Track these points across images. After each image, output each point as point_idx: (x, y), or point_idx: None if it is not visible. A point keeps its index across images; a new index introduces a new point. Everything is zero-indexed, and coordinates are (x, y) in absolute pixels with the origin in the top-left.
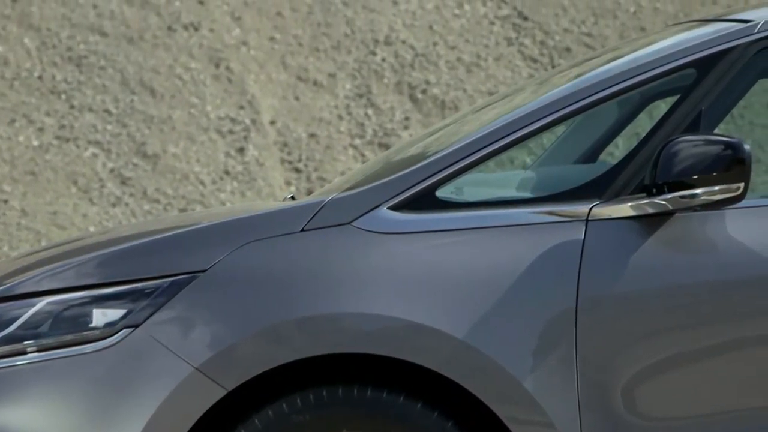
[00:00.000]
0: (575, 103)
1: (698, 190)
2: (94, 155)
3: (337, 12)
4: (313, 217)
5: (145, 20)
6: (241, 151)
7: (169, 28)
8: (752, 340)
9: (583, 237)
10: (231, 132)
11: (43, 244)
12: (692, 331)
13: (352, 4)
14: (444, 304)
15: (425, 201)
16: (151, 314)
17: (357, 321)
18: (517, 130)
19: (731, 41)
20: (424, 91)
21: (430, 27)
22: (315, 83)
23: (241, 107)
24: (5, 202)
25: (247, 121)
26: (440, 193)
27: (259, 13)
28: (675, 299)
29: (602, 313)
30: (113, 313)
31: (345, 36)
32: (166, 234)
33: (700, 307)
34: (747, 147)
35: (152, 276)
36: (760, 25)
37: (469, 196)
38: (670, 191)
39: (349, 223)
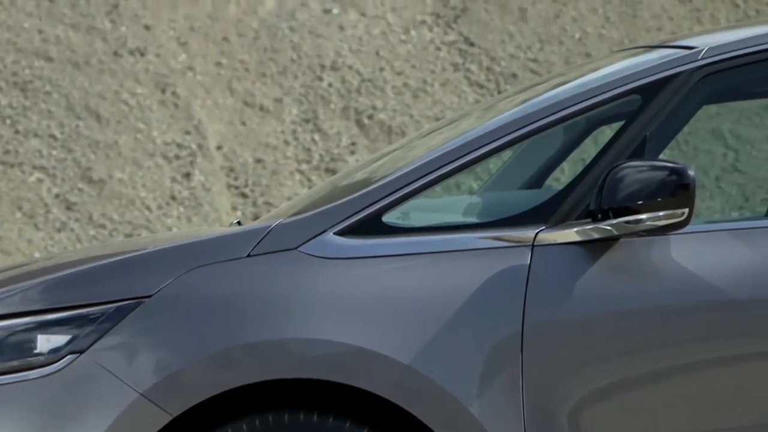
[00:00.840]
0: (521, 128)
1: (643, 216)
2: (40, 180)
3: (283, 37)
4: (259, 242)
5: (91, 45)
6: (187, 176)
7: (115, 53)
8: (696, 365)
9: (529, 262)
10: (177, 157)
11: None
12: (637, 356)
13: (298, 30)
14: (390, 329)
15: (372, 226)
16: (96, 340)
17: (303, 346)
18: (463, 156)
19: (676, 67)
20: (370, 117)
21: (377, 52)
22: (261, 108)
23: (188, 132)
24: None
25: (194, 146)
26: (387, 218)
27: (206, 39)
28: (620, 324)
29: (548, 338)
30: (58, 339)
31: (291, 61)
32: (112, 259)
33: (645, 332)
34: (692, 172)
35: (97, 302)
36: (704, 52)
37: (416, 221)
38: (616, 217)
39: (295, 248)
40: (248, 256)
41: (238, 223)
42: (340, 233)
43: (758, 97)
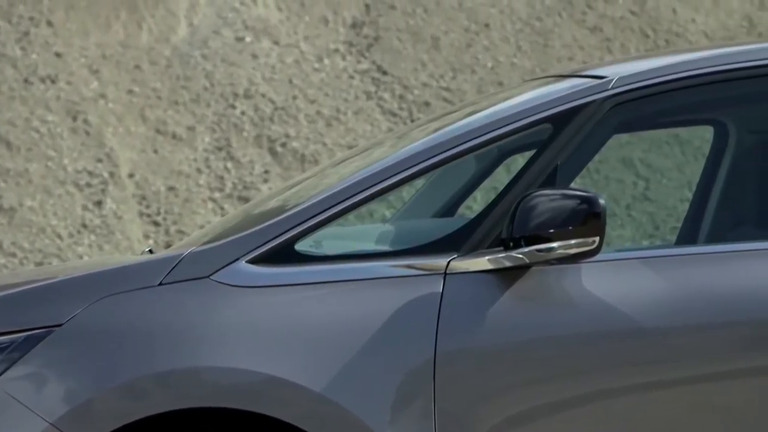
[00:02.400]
0: (434, 156)
1: (554, 244)
2: None
3: (196, 65)
4: (171, 270)
5: (2, 72)
6: (98, 204)
7: (26, 80)
8: (608, 393)
9: (441, 290)
10: (89, 185)
11: None
12: (549, 385)
13: (211, 57)
14: (303, 358)
15: (284, 254)
16: (6, 369)
17: (215, 375)
18: (376, 184)
19: (586, 97)
20: (283, 145)
21: (290, 80)
22: (174, 136)
23: (99, 160)
24: None
25: (105, 174)
26: (299, 246)
27: (117, 66)
28: (532, 352)
29: (460, 367)
30: None
31: (204, 89)
32: (22, 288)
33: (557, 361)
34: (602, 201)
35: (6, 331)
36: (614, 81)
37: (328, 249)
38: (527, 245)
39: (207, 276)
40: (160, 284)
41: (150, 251)
42: (253, 261)
43: (667, 127)
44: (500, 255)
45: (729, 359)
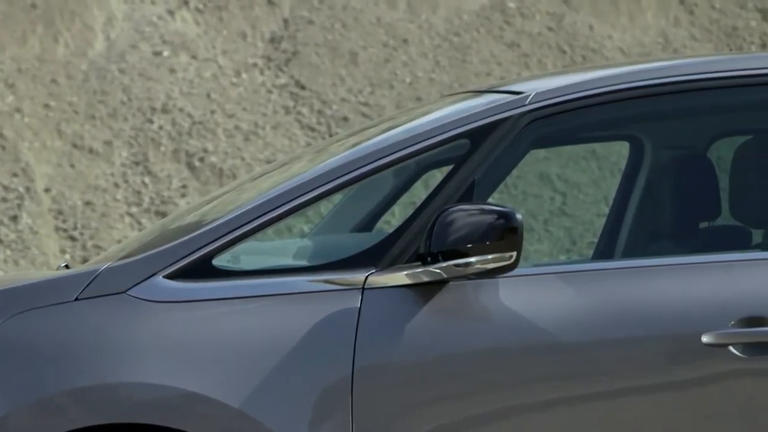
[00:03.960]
0: (352, 171)
1: (472, 259)
2: None
3: (113, 79)
4: (87, 286)
5: None
6: (14, 219)
7: None
8: (526, 408)
9: (359, 305)
10: (4, 200)
11: None
12: (467, 399)
13: (128, 72)
14: (220, 373)
15: (201, 269)
16: None
17: (132, 391)
18: (294, 199)
19: (503, 112)
20: (201, 159)
21: (208, 95)
22: (91, 151)
23: (15, 175)
24: None
25: (21, 189)
26: (217, 261)
27: (34, 81)
28: (449, 367)
29: (378, 382)
30: None
31: (122, 104)
32: None
33: (474, 375)
34: (519, 216)
35: None
36: (531, 97)
37: (246, 264)
38: (445, 260)
39: (124, 292)
40: (76, 299)
41: (66, 266)
42: (170, 277)
43: (584, 142)
44: (418, 270)
45: (644, 374)
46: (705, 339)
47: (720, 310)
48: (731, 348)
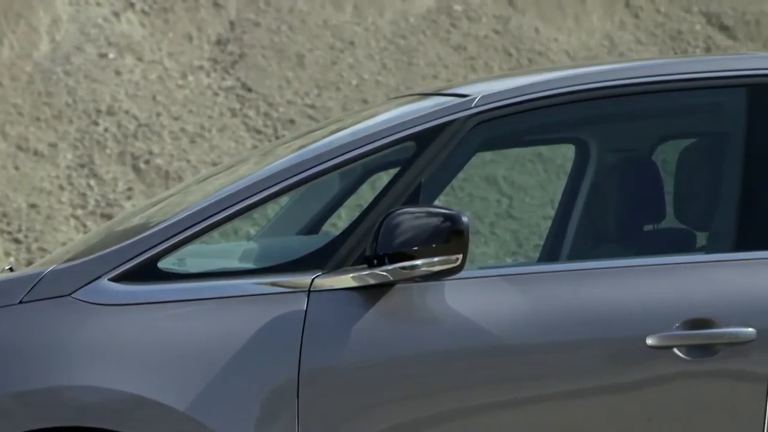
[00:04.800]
0: (299, 174)
1: (418, 262)
2: None
3: (58, 81)
4: (31, 289)
5: None
6: None
7: None
8: (472, 410)
9: (305, 308)
10: None
11: None
12: (413, 402)
13: (74, 74)
14: (166, 376)
15: (147, 272)
16: None
17: (77, 394)
18: (240, 201)
19: (449, 115)
20: (147, 162)
21: (154, 97)
22: (36, 153)
23: None
24: None
25: None
26: (162, 264)
27: None
28: (395, 369)
29: (324, 385)
30: None
31: (67, 106)
32: None
33: (420, 378)
34: (465, 219)
35: None
36: (477, 100)
37: (192, 267)
38: (391, 262)
39: (68, 294)
40: (20, 302)
41: (11, 269)
42: (115, 279)
43: (530, 145)
44: (364, 272)
45: (590, 376)
46: (650, 341)
47: (665, 313)
48: (675, 350)
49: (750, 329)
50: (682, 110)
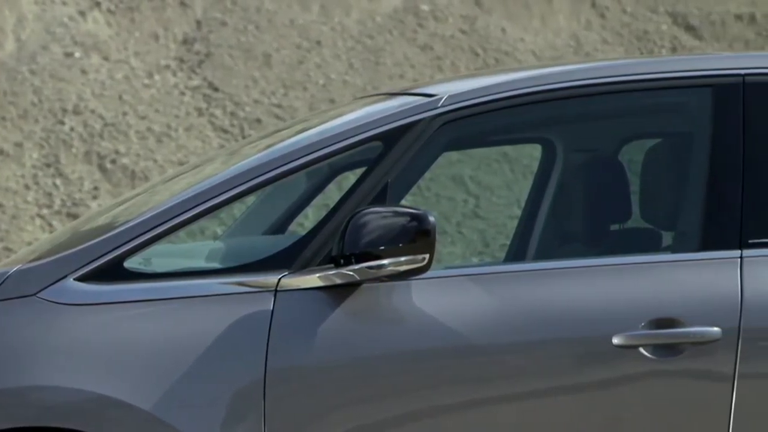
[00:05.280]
0: (265, 174)
1: (385, 261)
2: None
3: (24, 80)
4: None
5: None
6: None
7: None
8: (438, 409)
9: (272, 308)
10: None
11: None
12: (380, 402)
13: (39, 73)
14: (132, 376)
15: (113, 272)
16: None
17: (42, 394)
18: (207, 201)
19: (416, 115)
20: (113, 161)
21: (120, 97)
22: (1, 152)
23: None
24: None
25: None
26: (128, 263)
27: None
28: (362, 369)
29: (291, 384)
30: None
31: (32, 105)
32: None
33: (387, 377)
34: (432, 219)
35: None
36: (443, 100)
37: (158, 266)
38: (358, 262)
39: (34, 294)
40: None
41: None
42: (81, 279)
43: (496, 145)
44: (331, 272)
45: (556, 375)
46: (616, 341)
47: (631, 312)
48: (641, 349)
49: (715, 329)
50: (648, 110)
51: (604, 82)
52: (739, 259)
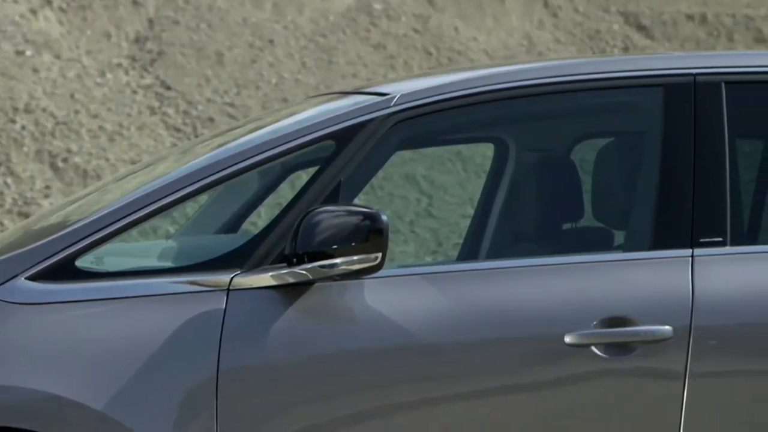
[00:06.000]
0: (218, 172)
1: (338, 260)
2: None
3: None
4: None
5: None
6: None
7: None
8: (391, 408)
9: (224, 307)
10: None
11: None
12: (332, 401)
13: None
14: (84, 376)
15: (64, 271)
16: None
17: None
18: (159, 200)
19: (368, 114)
20: (65, 160)
21: (72, 95)
22: None
23: None
24: None
25: None
26: (80, 263)
27: None
28: (315, 368)
29: (243, 383)
30: None
31: None
32: None
33: (340, 376)
34: (385, 218)
35: None
36: (396, 99)
37: (110, 266)
38: (311, 261)
39: None
40: None
41: None
42: (32, 278)
43: (449, 144)
44: (283, 271)
45: (508, 374)
46: (568, 339)
47: (583, 311)
48: (594, 348)
49: (667, 327)
50: (600, 110)
51: (555, 81)
52: (690, 258)
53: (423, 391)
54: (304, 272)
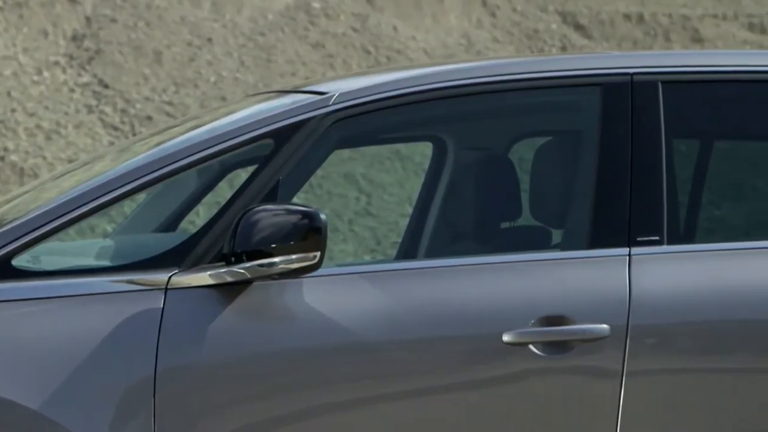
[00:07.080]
0: (156, 171)
1: (276, 259)
2: None
3: None
4: None
5: None
6: None
7: None
8: (329, 407)
9: (162, 306)
10: None
11: None
12: (271, 400)
13: None
14: (19, 375)
15: (0, 270)
16: None
17: None
18: (97, 198)
19: (307, 113)
20: (2, 158)
21: (8, 93)
22: None
23: None
24: None
25: None
26: (16, 262)
27: None
28: (253, 368)
29: (181, 383)
30: None
31: None
32: None
33: (278, 375)
34: (323, 216)
35: None
36: (335, 97)
37: (47, 264)
38: (249, 260)
39: None
40: None
41: None
42: None
43: (388, 143)
44: (222, 270)
45: (446, 373)
46: (506, 338)
47: (520, 310)
48: (531, 347)
49: (604, 326)
50: (538, 109)
51: (493, 80)
52: (627, 257)
53: (361, 390)
54: (242, 271)
